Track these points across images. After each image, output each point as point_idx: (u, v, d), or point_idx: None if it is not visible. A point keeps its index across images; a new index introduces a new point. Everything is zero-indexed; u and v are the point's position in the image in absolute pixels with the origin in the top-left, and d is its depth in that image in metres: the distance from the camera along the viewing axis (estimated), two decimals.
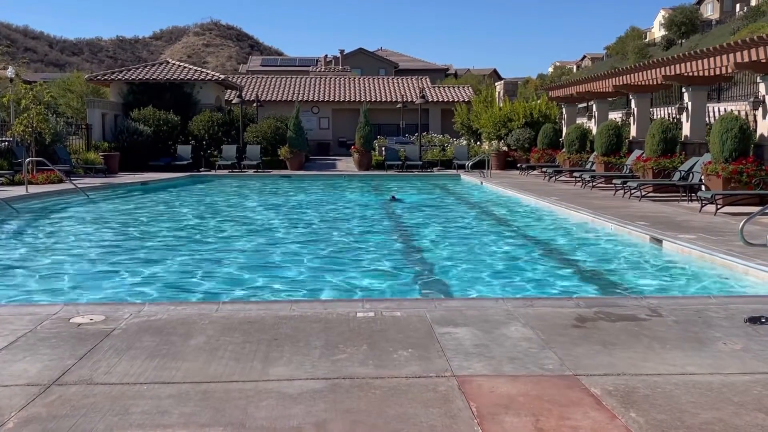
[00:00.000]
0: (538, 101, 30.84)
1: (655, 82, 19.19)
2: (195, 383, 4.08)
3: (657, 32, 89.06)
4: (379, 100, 40.82)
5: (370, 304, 5.93)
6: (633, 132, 21.54)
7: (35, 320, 5.39)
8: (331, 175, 27.28)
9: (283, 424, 3.51)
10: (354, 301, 6.45)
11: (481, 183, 22.14)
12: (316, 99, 40.95)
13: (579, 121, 28.24)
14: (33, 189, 17.64)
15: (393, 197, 18.73)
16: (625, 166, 19.53)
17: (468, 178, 24.47)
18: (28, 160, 19.13)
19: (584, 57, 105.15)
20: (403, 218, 14.57)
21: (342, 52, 61.26)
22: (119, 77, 31.54)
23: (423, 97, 31.10)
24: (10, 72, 28.69)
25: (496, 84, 39.16)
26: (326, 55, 61.29)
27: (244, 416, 3.61)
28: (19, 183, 18.51)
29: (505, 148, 29.99)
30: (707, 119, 19.60)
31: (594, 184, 19.48)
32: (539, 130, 27.70)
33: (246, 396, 3.88)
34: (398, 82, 44.76)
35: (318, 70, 52.02)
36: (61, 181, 19.73)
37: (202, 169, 27.98)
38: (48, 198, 17.12)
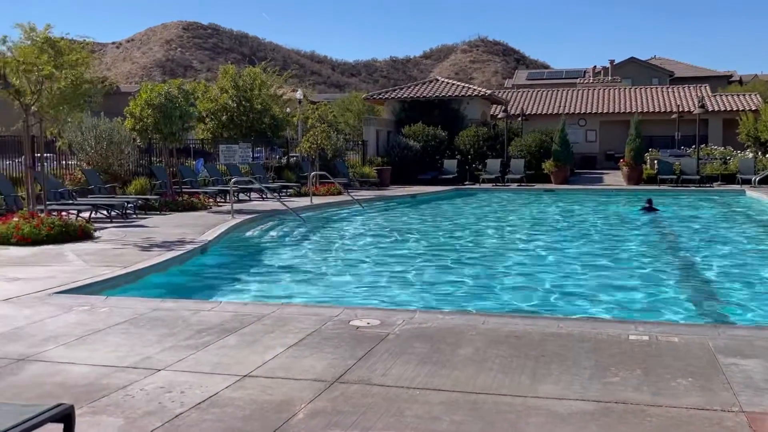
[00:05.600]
0: None
1: None
2: (464, 393, 4.16)
3: None
4: (651, 110, 38.65)
5: (643, 327, 5.63)
6: None
7: (319, 321, 5.88)
8: (597, 189, 26.35)
9: None
10: (626, 322, 6.15)
11: None
12: (582, 111, 39.87)
13: None
14: (316, 200, 19.31)
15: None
16: None
17: (754, 195, 22.18)
18: (313, 173, 21.02)
19: None
20: (678, 237, 13.64)
21: (612, 62, 58.95)
22: (392, 96, 33.43)
23: (702, 106, 28.83)
24: (299, 94, 31.76)
25: None
26: (595, 66, 59.40)
27: (513, 431, 3.61)
28: (305, 195, 20.36)
29: None
30: None
31: None
32: None
33: (515, 410, 3.88)
34: (673, 92, 42.00)
35: (586, 81, 50.70)
36: (340, 193, 21.37)
37: (467, 182, 28.57)
38: (330, 209, 18.64)
